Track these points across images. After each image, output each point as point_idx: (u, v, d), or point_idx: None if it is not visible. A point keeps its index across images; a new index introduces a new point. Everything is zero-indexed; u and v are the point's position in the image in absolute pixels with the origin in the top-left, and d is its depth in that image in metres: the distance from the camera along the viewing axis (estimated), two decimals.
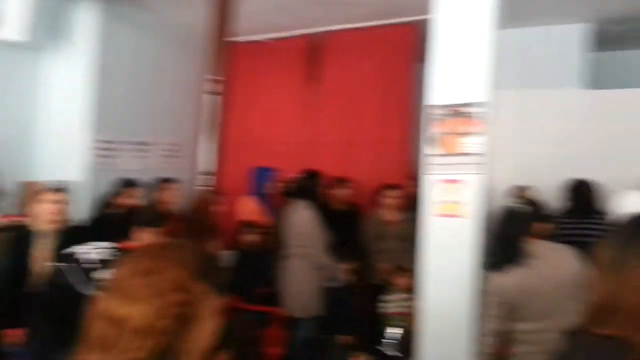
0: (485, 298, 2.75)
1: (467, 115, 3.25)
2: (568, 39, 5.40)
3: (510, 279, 2.57)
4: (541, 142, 5.32)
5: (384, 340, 3.78)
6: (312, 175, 4.65)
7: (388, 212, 4.56)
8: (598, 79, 5.54)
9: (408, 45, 5.05)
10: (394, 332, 3.62)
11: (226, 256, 4.57)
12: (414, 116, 5.00)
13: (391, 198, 4.55)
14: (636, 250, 1.23)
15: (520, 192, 4.90)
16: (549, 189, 5.07)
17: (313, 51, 5.51)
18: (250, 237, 4.58)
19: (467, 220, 3.19)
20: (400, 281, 3.98)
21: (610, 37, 5.65)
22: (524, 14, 5.10)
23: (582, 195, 4.44)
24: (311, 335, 4.29)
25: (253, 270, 4.44)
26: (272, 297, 4.37)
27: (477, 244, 3.16)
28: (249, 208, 4.93)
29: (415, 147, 4.94)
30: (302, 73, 5.58)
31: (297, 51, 5.57)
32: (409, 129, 5.04)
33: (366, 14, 4.97)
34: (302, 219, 4.24)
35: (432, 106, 3.36)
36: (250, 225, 4.66)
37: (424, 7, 3.50)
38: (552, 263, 2.57)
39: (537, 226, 2.80)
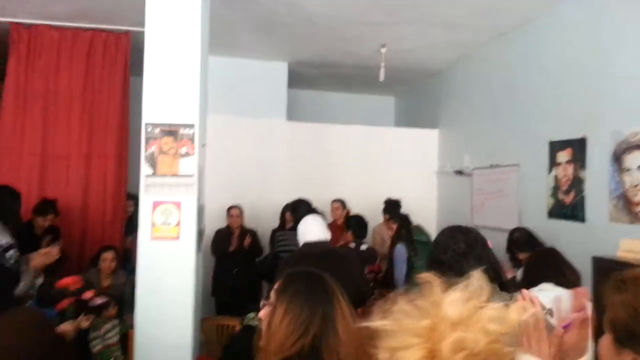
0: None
1: (179, 136, 3.23)
2: (274, 74, 6.00)
3: None
4: (248, 165, 5.73)
5: None
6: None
7: (103, 275, 4.04)
8: (293, 112, 6.31)
9: (123, 55, 4.73)
10: None
11: None
12: (128, 131, 4.70)
13: (107, 261, 4.04)
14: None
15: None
16: (255, 207, 5.49)
17: (3, 44, 4.60)
18: None
19: (182, 242, 3.14)
20: (110, 312, 3.64)
21: (304, 77, 6.52)
22: (235, 46, 5.44)
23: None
24: None
25: None
26: None
27: (193, 266, 3.14)
28: None
29: (130, 164, 4.64)
30: None
31: None
32: (123, 144, 4.68)
33: (68, 14, 4.46)
34: None
35: (147, 124, 3.23)
36: None
37: (141, 18, 3.35)
38: None
39: None
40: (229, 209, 5.24)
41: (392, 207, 5.01)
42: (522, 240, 3.75)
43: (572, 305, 1.12)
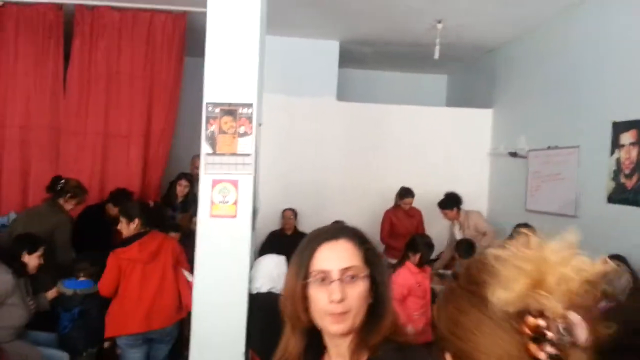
0: None
1: (238, 115, 3.29)
2: (325, 53, 5.98)
3: None
4: (301, 145, 5.80)
5: None
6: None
7: None
8: (344, 92, 6.29)
9: (180, 36, 4.85)
10: None
11: None
12: (178, 111, 4.91)
13: None
14: None
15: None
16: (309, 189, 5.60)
17: (68, 26, 4.79)
18: None
19: (239, 220, 3.24)
20: None
21: (356, 56, 6.47)
22: (287, 24, 5.45)
23: None
24: None
25: None
26: None
27: (249, 244, 3.24)
28: None
29: (181, 144, 4.85)
30: (53, 48, 4.78)
31: (48, 23, 4.75)
32: (174, 123, 4.88)
33: None
34: None
35: (208, 103, 3.31)
36: None
37: None
38: None
39: None
40: (283, 211, 5.48)
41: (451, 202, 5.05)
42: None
43: None
